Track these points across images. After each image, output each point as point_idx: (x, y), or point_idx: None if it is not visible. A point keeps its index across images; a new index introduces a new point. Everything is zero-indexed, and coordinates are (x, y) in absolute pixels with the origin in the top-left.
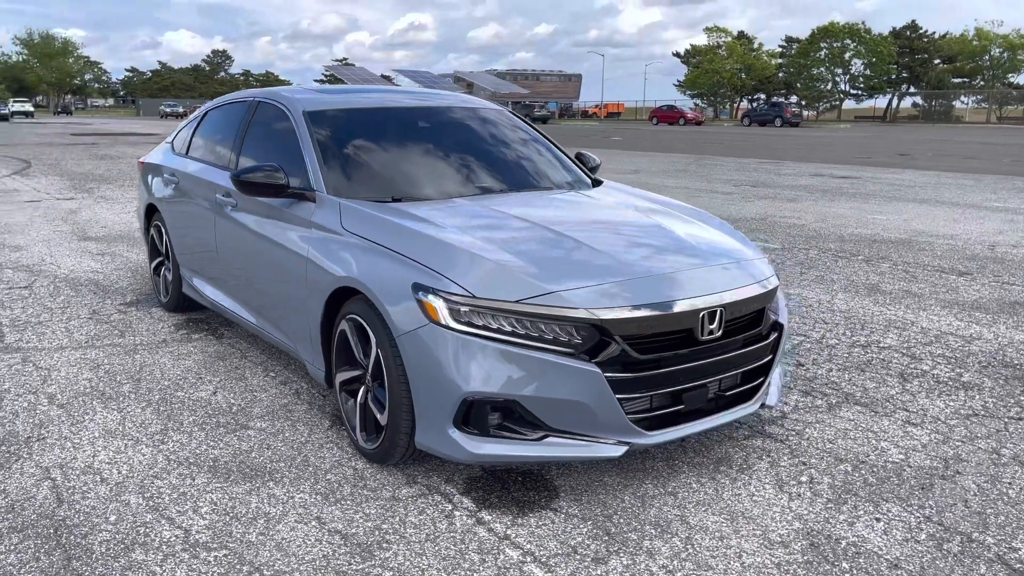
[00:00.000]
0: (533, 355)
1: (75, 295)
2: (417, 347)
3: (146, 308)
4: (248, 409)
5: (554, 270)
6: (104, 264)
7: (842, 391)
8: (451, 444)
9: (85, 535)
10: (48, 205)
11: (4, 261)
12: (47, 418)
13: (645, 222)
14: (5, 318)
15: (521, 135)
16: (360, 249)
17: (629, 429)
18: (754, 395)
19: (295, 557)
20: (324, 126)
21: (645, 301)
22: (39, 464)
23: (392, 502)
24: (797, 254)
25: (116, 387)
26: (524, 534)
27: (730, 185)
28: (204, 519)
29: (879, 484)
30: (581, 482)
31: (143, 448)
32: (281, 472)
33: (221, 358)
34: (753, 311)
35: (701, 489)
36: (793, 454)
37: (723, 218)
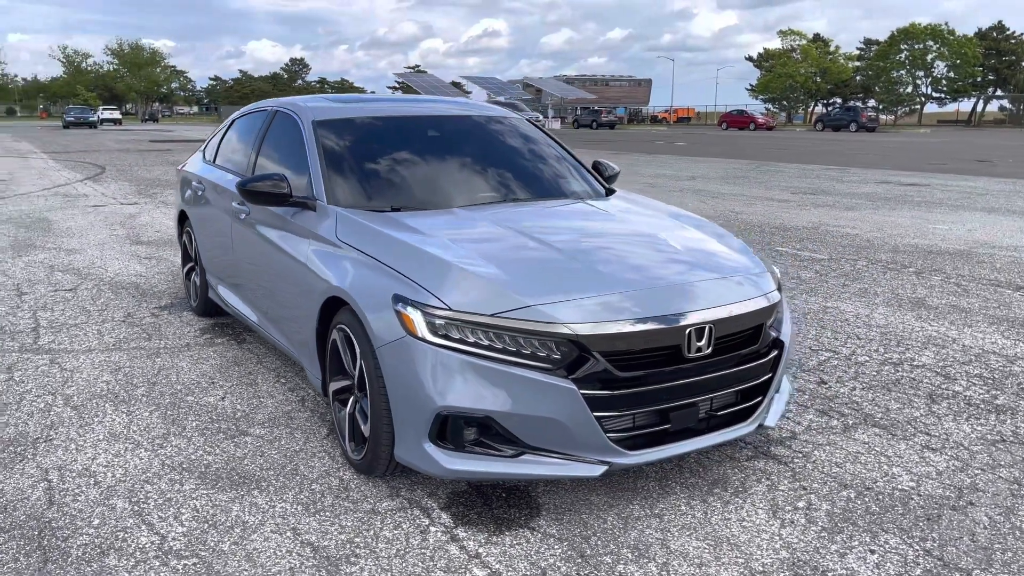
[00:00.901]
0: (508, 370)
1: (115, 298)
2: (395, 359)
3: (178, 312)
4: (251, 415)
5: (536, 283)
6: (149, 268)
7: (862, 412)
8: (426, 459)
9: (66, 538)
10: (111, 210)
11: (56, 264)
12: (59, 419)
13: (643, 234)
14: (44, 320)
15: (535, 145)
16: (350, 259)
17: (608, 448)
18: (751, 415)
19: (262, 568)
20: (331, 136)
21: (626, 316)
22: (40, 465)
23: (370, 515)
24: (843, 265)
25: (131, 390)
26: (496, 553)
27: (788, 192)
28: (183, 526)
29: (881, 513)
30: (566, 500)
31: (142, 452)
32: (268, 480)
33: (237, 363)
34: (749, 327)
35: (690, 512)
36: (795, 478)
37: (774, 227)
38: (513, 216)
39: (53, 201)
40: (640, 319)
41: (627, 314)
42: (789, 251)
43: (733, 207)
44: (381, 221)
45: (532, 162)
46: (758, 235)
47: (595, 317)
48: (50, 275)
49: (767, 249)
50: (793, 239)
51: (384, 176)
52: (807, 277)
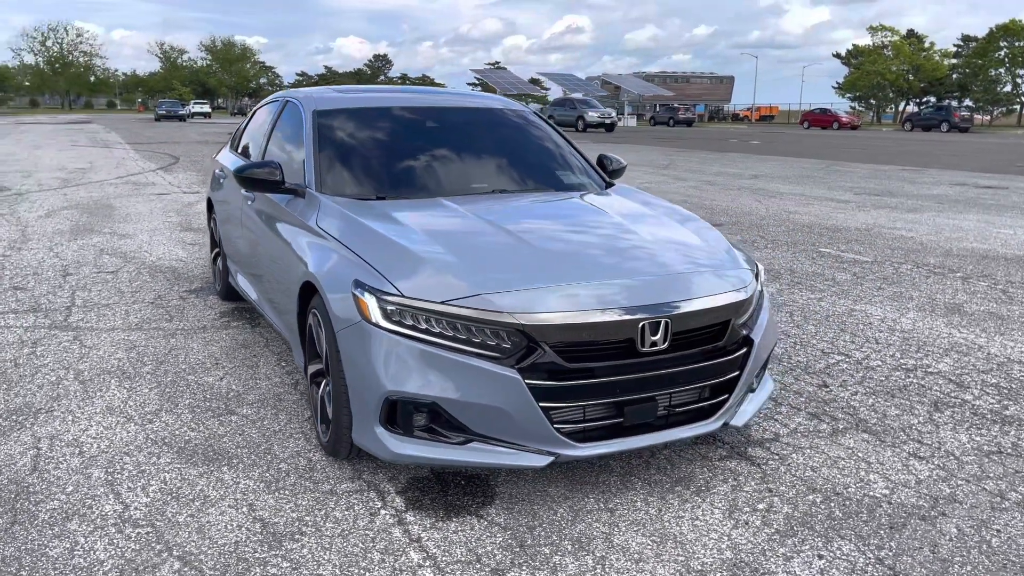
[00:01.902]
0: (454, 357)
1: (150, 281)
2: (351, 343)
3: (204, 296)
4: (243, 396)
5: (490, 273)
6: (190, 254)
7: (856, 417)
8: (376, 442)
9: (38, 503)
10: (172, 198)
11: (107, 247)
12: (64, 392)
13: (616, 228)
14: (80, 299)
15: (536, 138)
16: (325, 246)
17: (555, 439)
18: (715, 413)
19: (209, 540)
20: (329, 125)
21: (574, 308)
22: (35, 434)
23: (328, 495)
24: (885, 268)
25: (139, 367)
26: (437, 538)
27: (851, 193)
28: (148, 497)
29: (843, 519)
30: (522, 491)
31: (131, 426)
32: (240, 458)
33: (245, 346)
34: (714, 323)
35: (644, 508)
36: (764, 479)
37: (824, 228)
38: (494, 207)
39: (121, 189)
40: (589, 311)
41: (576, 305)
42: (832, 252)
43: (788, 207)
44: (360, 209)
45: (530, 155)
46: (804, 235)
47: (542, 307)
48: (98, 258)
49: (809, 250)
50: (841, 240)
51: (374, 165)
52: (842, 279)
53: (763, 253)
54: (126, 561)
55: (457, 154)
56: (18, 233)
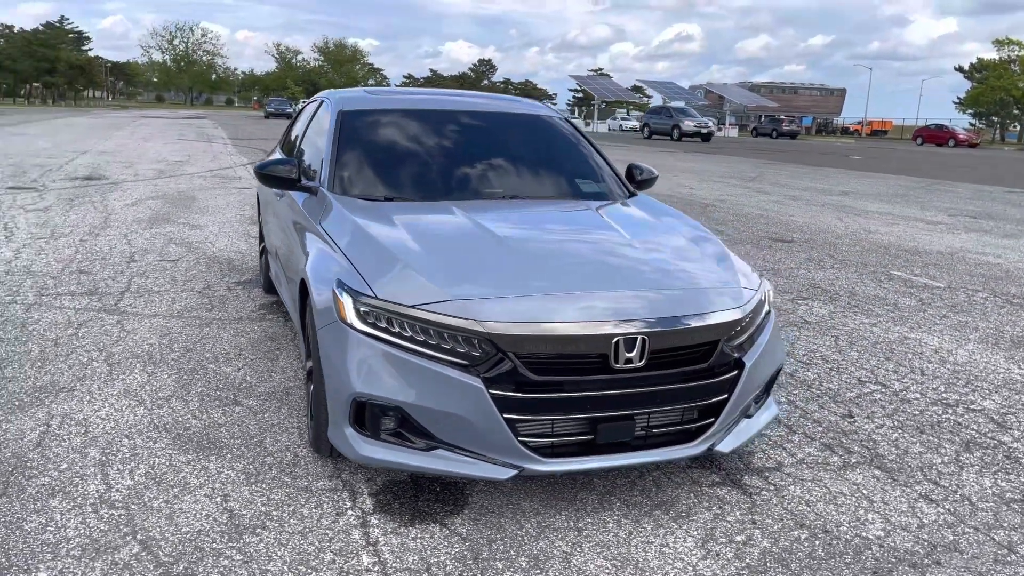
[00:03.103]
0: (421, 363)
1: (205, 271)
2: (328, 342)
3: (250, 288)
4: (254, 388)
5: (467, 279)
6: (250, 247)
7: (873, 451)
8: (345, 442)
9: (31, 477)
10: (252, 192)
11: (176, 237)
12: (90, 373)
13: (614, 241)
14: (135, 285)
15: (563, 146)
16: (322, 245)
17: (519, 452)
18: (698, 436)
19: (173, 527)
20: (350, 126)
21: (542, 319)
22: (50, 412)
23: (301, 492)
24: (957, 295)
25: (167, 353)
26: (394, 543)
27: (945, 214)
28: (132, 480)
29: (825, 559)
30: (495, 502)
31: (140, 409)
32: (230, 448)
33: (272, 339)
34: (699, 344)
35: (615, 530)
36: (751, 510)
37: (902, 249)
38: (498, 215)
39: (209, 181)
40: (557, 322)
41: (544, 316)
42: (903, 276)
43: (870, 226)
44: (361, 211)
45: (552, 162)
46: (878, 256)
47: (509, 316)
48: (165, 246)
49: (879, 272)
50: (916, 264)
51: (388, 167)
52: (905, 305)
53: (827, 273)
54: (91, 540)
55: (475, 159)
56: (101, 220)
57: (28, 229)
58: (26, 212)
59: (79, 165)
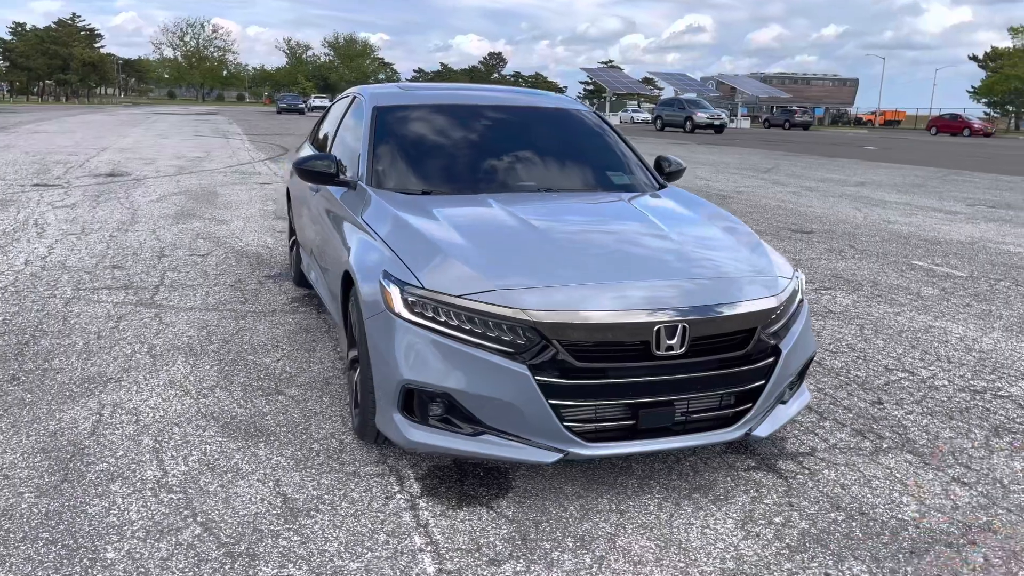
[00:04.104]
0: (466, 350)
1: (235, 265)
2: (376, 331)
3: (280, 281)
4: (295, 378)
5: (511, 269)
6: (277, 241)
7: (905, 436)
8: (394, 428)
9: (90, 464)
10: (273, 187)
11: (203, 232)
12: (135, 364)
13: (650, 231)
14: (168, 279)
15: (593, 138)
16: (364, 238)
17: (564, 437)
18: (736, 421)
19: (231, 510)
20: (386, 121)
21: (587, 307)
22: (101, 401)
23: (350, 476)
24: (980, 285)
25: (206, 345)
26: (444, 525)
27: (964, 204)
28: (187, 466)
29: (863, 540)
30: (538, 486)
31: (187, 399)
32: (278, 436)
33: (308, 331)
34: (737, 331)
35: (655, 512)
36: (787, 493)
37: (922, 239)
38: (534, 206)
39: (230, 177)
40: (603, 311)
41: (588, 305)
42: (925, 265)
43: (889, 216)
44: (402, 204)
45: (583, 155)
46: (899, 246)
47: (556, 305)
48: (193, 241)
49: (900, 262)
50: (937, 253)
51: (424, 161)
52: (928, 294)
53: (848, 263)
54: (154, 523)
55: (508, 152)
56: (128, 216)
57: (58, 225)
58: (54, 209)
59: (101, 162)
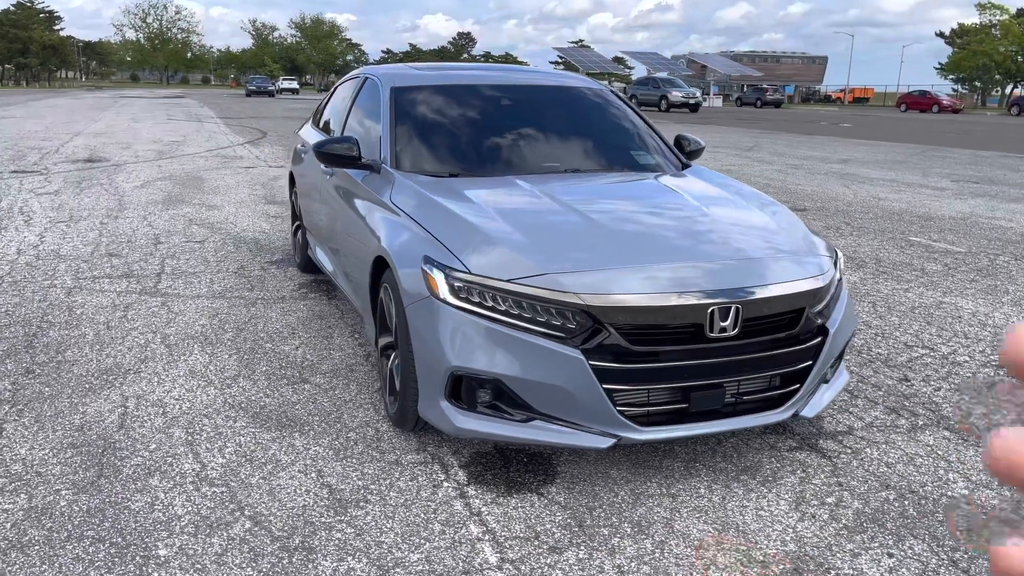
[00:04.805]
0: (520, 336)
1: (234, 251)
2: (420, 318)
3: (284, 267)
4: (317, 365)
5: (559, 252)
6: (273, 226)
7: (938, 413)
8: (441, 416)
9: (124, 458)
10: (258, 172)
11: (196, 218)
12: (152, 354)
13: (690, 210)
14: (169, 267)
15: (613, 117)
16: (398, 222)
17: (617, 422)
18: (785, 402)
19: (279, 503)
20: (405, 102)
21: (641, 290)
22: (123, 393)
23: (393, 465)
24: (980, 260)
25: (221, 334)
26: (497, 513)
27: (948, 180)
28: (224, 458)
29: (918, 518)
30: (584, 471)
31: (211, 389)
32: (311, 425)
33: (321, 317)
34: (787, 311)
35: (707, 496)
36: (834, 473)
37: (915, 216)
38: (566, 187)
39: (211, 162)
40: (657, 294)
41: (643, 288)
42: (923, 241)
43: (877, 193)
44: (432, 186)
45: (606, 134)
46: (894, 223)
47: (609, 288)
48: (187, 228)
49: (898, 238)
50: (933, 229)
51: (448, 142)
52: (932, 270)
53: (847, 241)
54: (201, 518)
55: (531, 132)
56: (115, 202)
57: (45, 213)
58: (37, 196)
59: (76, 147)
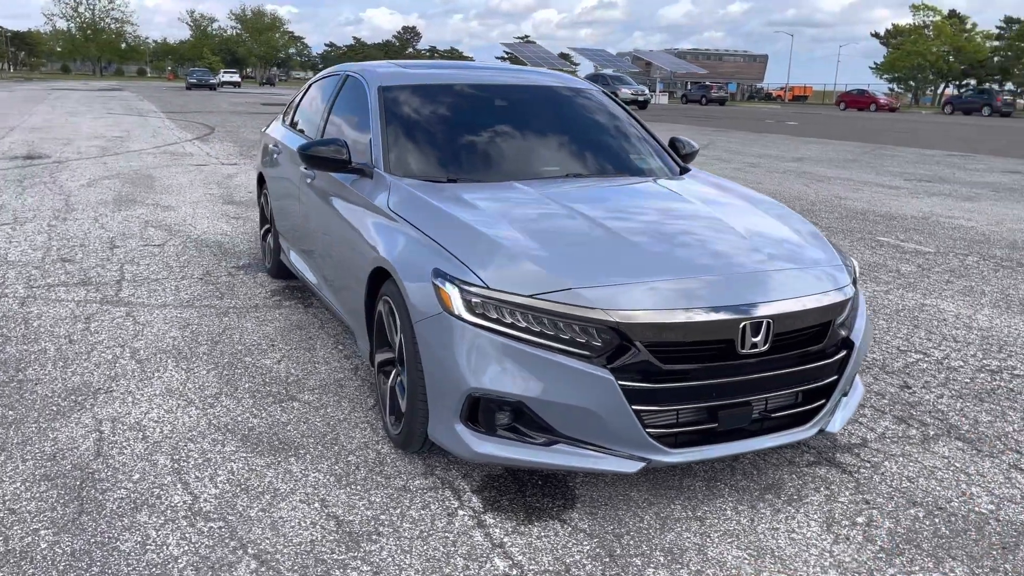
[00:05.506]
0: (544, 355)
1: (197, 255)
2: (431, 335)
3: (253, 273)
4: (303, 381)
5: (580, 265)
6: (234, 228)
7: (947, 422)
8: (456, 440)
9: (105, 491)
10: (211, 170)
11: (152, 220)
12: (122, 372)
13: (707, 218)
14: (128, 273)
15: (608, 119)
16: (398, 230)
17: (647, 444)
18: (811, 419)
19: (284, 538)
20: (395, 102)
21: (673, 305)
22: (96, 416)
23: (401, 492)
24: (950, 260)
25: (195, 347)
26: (521, 544)
27: (901, 179)
28: (216, 488)
29: (951, 537)
30: (603, 494)
31: (192, 410)
32: (307, 448)
33: (300, 327)
34: (814, 324)
35: (735, 517)
36: (858, 489)
37: (879, 215)
38: (572, 193)
39: (160, 159)
40: (689, 309)
41: (674, 303)
42: (891, 242)
43: (838, 192)
44: (433, 192)
45: (602, 137)
46: (859, 223)
47: (639, 304)
48: (143, 230)
49: (867, 239)
50: (898, 229)
51: (444, 146)
52: (907, 271)
53: None
54: (201, 558)
55: (528, 135)
56: (62, 203)
57: None
58: None
59: (13, 143)
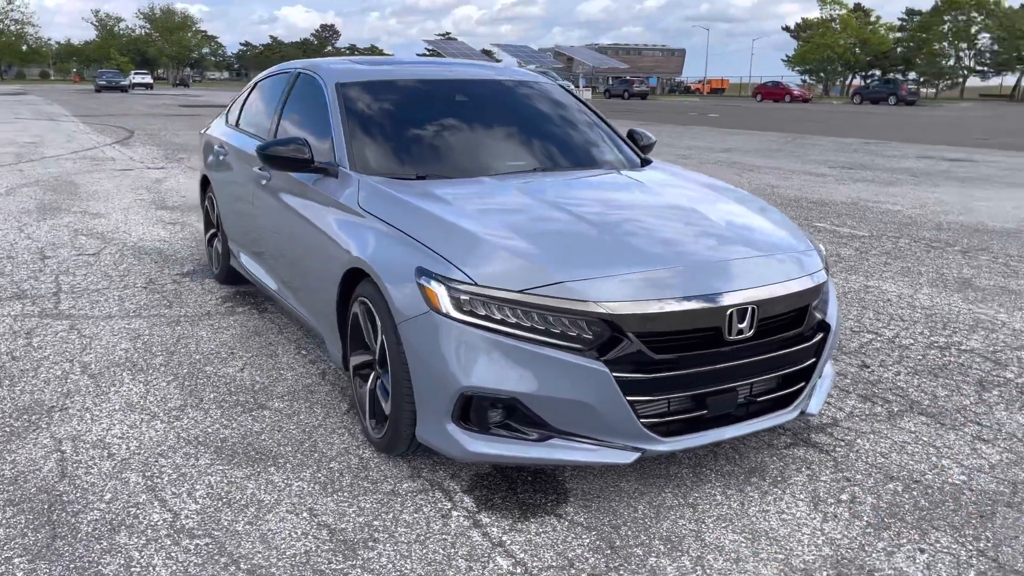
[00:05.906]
0: (535, 350)
1: (137, 263)
2: (418, 335)
3: (199, 279)
4: (270, 388)
5: (567, 258)
6: (172, 234)
7: (908, 398)
8: (448, 440)
9: (76, 513)
10: (137, 174)
11: (81, 228)
12: (75, 388)
13: (681, 207)
14: (65, 284)
15: (568, 112)
16: (372, 229)
17: (642, 434)
18: (792, 401)
19: (276, 551)
20: (355, 99)
21: (664, 295)
22: (54, 435)
23: (390, 496)
24: (884, 243)
25: (149, 359)
26: (521, 541)
27: (825, 167)
28: (196, 503)
29: (931, 509)
30: (595, 486)
31: (157, 424)
32: (286, 457)
33: (258, 333)
34: (793, 309)
35: (725, 502)
36: (837, 468)
37: (811, 202)
38: (543, 186)
39: (80, 164)
40: (679, 298)
41: (665, 292)
42: (827, 227)
43: (769, 181)
44: (406, 190)
45: (564, 129)
46: (795, 210)
47: (630, 295)
48: (74, 239)
49: (804, 224)
50: (831, 214)
51: (409, 142)
52: (847, 255)
53: None
54: None
55: (493, 130)
56: None
57: None
58: None
59: None
